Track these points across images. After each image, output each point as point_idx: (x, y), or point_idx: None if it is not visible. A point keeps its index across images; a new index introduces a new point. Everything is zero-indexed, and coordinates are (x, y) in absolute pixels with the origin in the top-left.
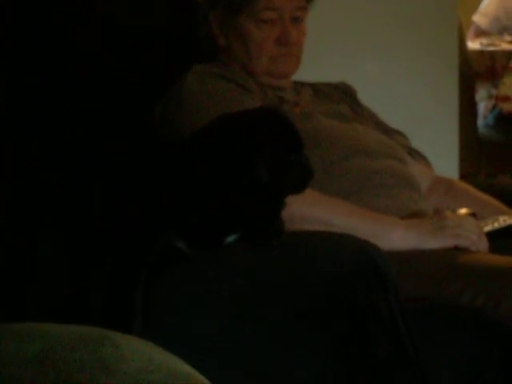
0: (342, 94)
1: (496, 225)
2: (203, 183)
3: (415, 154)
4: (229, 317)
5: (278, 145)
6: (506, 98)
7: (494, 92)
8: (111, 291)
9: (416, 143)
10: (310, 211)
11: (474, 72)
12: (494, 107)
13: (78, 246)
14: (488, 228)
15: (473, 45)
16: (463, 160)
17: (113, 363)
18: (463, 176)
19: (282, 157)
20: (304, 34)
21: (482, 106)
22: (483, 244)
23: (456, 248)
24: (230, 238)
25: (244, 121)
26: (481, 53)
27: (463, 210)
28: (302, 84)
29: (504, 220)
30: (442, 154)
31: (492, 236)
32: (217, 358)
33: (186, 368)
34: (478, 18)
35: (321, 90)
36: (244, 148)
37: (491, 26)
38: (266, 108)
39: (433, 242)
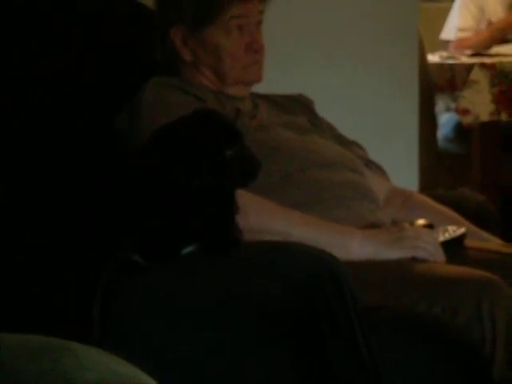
0: (300, 106)
1: (447, 235)
2: (151, 195)
3: (372, 165)
4: (188, 327)
5: (212, 145)
6: (465, 111)
7: (452, 105)
8: (69, 303)
9: (376, 155)
10: (267, 223)
11: (434, 85)
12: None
13: (34, 257)
14: (440, 239)
15: (433, 58)
16: (423, 172)
17: (72, 374)
18: (423, 188)
19: (218, 156)
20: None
21: (442, 119)
22: (440, 255)
23: (413, 259)
24: (187, 249)
25: (179, 128)
26: (440, 66)
27: (421, 221)
28: (258, 96)
29: (454, 230)
30: (402, 167)
31: (442, 246)
32: (176, 368)
33: (147, 379)
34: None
35: (278, 102)
36: (185, 155)
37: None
38: (197, 111)
39: (390, 253)
